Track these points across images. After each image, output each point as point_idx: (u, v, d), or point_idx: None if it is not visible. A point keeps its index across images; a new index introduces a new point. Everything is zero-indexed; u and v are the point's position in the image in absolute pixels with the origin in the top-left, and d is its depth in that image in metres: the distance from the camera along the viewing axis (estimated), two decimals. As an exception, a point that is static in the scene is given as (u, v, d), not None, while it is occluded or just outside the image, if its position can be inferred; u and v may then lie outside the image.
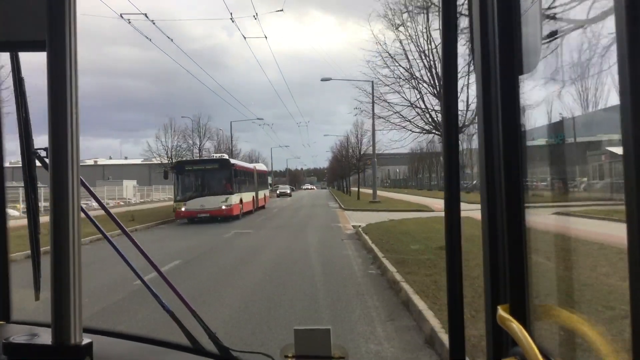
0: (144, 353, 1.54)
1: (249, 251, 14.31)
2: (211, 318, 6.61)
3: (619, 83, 0.62)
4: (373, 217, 23.40)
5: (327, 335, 1.30)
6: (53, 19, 1.07)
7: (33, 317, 1.74)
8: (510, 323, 0.91)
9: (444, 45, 1.13)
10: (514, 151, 0.97)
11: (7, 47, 1.52)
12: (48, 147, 1.10)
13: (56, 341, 1.09)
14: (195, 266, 11.74)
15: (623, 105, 0.62)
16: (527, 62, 0.97)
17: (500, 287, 1.00)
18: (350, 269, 10.86)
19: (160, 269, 1.61)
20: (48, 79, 1.08)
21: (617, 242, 1.75)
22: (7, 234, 1.71)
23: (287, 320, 6.71)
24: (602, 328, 0.88)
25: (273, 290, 8.78)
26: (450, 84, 1.14)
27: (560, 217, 1.52)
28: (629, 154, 0.61)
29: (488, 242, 1.02)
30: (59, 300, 1.08)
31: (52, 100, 1.08)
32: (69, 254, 1.08)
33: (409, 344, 5.68)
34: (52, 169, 1.09)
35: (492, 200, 1.01)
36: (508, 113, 0.97)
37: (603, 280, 3.03)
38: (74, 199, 1.09)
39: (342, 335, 5.83)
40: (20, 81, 1.59)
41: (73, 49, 1.08)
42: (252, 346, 5.31)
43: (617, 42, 0.63)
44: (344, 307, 7.46)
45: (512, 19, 0.97)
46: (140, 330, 6.07)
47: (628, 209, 0.62)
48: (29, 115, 1.60)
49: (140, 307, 7.39)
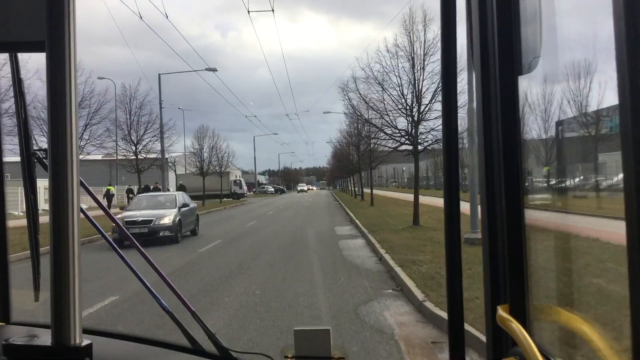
0: (144, 354, 1.54)
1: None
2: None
3: (618, 83, 0.62)
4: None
5: (327, 335, 1.30)
6: (52, 19, 1.07)
7: (33, 318, 1.74)
8: (510, 323, 0.91)
9: (444, 46, 1.13)
10: (513, 151, 0.97)
11: (6, 48, 1.51)
12: (47, 148, 1.10)
13: (56, 342, 1.09)
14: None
15: (622, 105, 0.62)
16: (527, 63, 0.97)
17: (500, 287, 1.00)
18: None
19: (160, 270, 1.61)
20: (47, 79, 1.08)
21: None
22: (6, 234, 1.71)
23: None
24: (602, 328, 0.88)
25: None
26: (449, 85, 1.14)
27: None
28: (628, 153, 0.61)
29: (488, 242, 1.02)
30: (58, 301, 1.08)
31: (51, 101, 1.08)
32: (69, 255, 1.08)
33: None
34: (51, 170, 1.09)
35: (491, 200, 1.01)
36: (507, 113, 0.97)
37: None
38: (73, 200, 1.09)
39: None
40: (20, 82, 1.59)
41: (72, 50, 1.08)
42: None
43: (616, 42, 0.63)
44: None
45: (511, 20, 0.97)
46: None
47: (627, 208, 0.62)
48: (28, 116, 1.59)
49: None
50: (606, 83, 1.31)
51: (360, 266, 11.29)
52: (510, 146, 0.97)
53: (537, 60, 0.97)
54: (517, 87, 0.98)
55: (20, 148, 1.57)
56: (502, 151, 0.97)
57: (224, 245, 15.82)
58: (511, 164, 0.97)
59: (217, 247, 15.52)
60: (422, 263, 10.18)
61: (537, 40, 0.97)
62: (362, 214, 25.15)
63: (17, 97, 1.58)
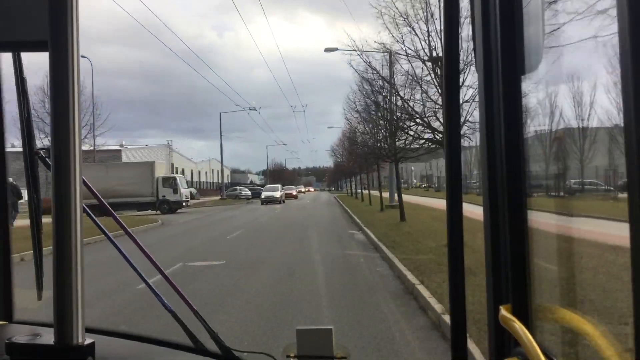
0: (147, 353, 1.54)
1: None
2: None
3: (621, 83, 0.62)
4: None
5: (329, 335, 1.30)
6: (55, 19, 1.07)
7: (35, 317, 1.74)
8: (512, 323, 0.91)
9: (446, 45, 1.13)
10: (516, 151, 0.97)
11: (9, 47, 1.52)
12: (50, 148, 1.10)
13: (58, 341, 1.09)
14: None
15: (625, 105, 0.62)
16: (529, 62, 0.97)
17: (503, 287, 1.00)
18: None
19: (163, 270, 1.61)
20: (50, 79, 1.08)
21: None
22: (9, 234, 1.72)
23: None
24: (605, 328, 0.88)
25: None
26: (451, 85, 1.14)
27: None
28: (631, 153, 0.61)
29: (490, 242, 1.02)
30: (61, 300, 1.08)
31: (54, 100, 1.08)
32: (72, 254, 1.08)
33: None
34: (54, 169, 1.09)
35: (494, 200, 1.01)
36: (510, 113, 0.97)
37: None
38: (76, 199, 1.09)
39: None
40: (23, 81, 1.59)
41: (75, 49, 1.08)
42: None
43: (619, 42, 0.62)
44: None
45: (514, 19, 0.97)
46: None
47: (631, 209, 0.61)
48: (31, 116, 1.60)
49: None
50: (609, 83, 1.31)
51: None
52: (513, 146, 0.97)
53: (540, 60, 0.97)
54: (520, 86, 0.97)
55: (23, 147, 1.57)
56: (505, 151, 0.97)
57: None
58: (514, 163, 0.97)
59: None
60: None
61: (539, 40, 0.96)
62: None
63: (20, 97, 1.58)
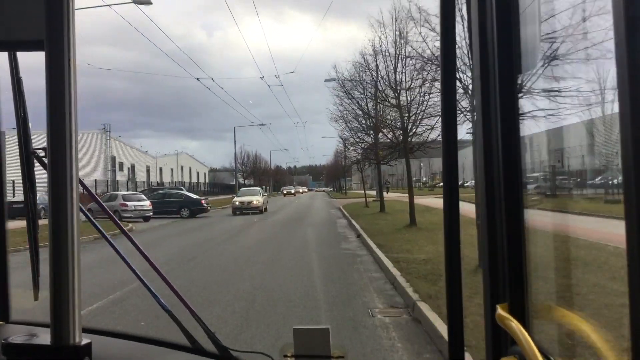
0: (143, 353, 1.54)
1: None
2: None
3: (618, 82, 0.62)
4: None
5: (326, 334, 1.30)
6: (51, 18, 1.07)
7: (32, 318, 1.73)
8: (509, 322, 0.91)
9: (443, 44, 1.13)
10: (513, 150, 0.97)
11: (5, 47, 1.51)
12: (47, 147, 1.10)
13: (55, 341, 1.09)
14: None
15: (621, 104, 0.62)
16: (526, 62, 0.97)
17: (500, 286, 1.00)
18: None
19: (159, 269, 1.61)
20: (46, 78, 1.08)
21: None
22: (5, 233, 1.71)
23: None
24: (601, 327, 0.88)
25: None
26: (449, 84, 1.14)
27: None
28: (627, 152, 0.61)
29: (487, 241, 1.02)
30: (58, 300, 1.08)
31: (50, 100, 1.08)
32: (68, 254, 1.08)
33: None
34: (50, 169, 1.08)
35: (491, 199, 1.01)
36: (507, 112, 0.97)
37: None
38: (72, 199, 1.09)
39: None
40: (19, 81, 1.59)
41: (71, 49, 1.08)
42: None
43: (616, 41, 0.63)
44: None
45: (511, 19, 0.97)
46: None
47: (627, 207, 0.62)
48: (27, 115, 1.59)
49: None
50: (605, 82, 1.31)
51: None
52: (510, 145, 0.97)
53: (537, 59, 0.97)
54: (517, 86, 0.98)
55: (20, 147, 1.56)
56: (502, 150, 0.97)
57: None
58: (511, 163, 0.97)
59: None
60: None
61: (536, 39, 0.97)
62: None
63: (16, 97, 1.58)
